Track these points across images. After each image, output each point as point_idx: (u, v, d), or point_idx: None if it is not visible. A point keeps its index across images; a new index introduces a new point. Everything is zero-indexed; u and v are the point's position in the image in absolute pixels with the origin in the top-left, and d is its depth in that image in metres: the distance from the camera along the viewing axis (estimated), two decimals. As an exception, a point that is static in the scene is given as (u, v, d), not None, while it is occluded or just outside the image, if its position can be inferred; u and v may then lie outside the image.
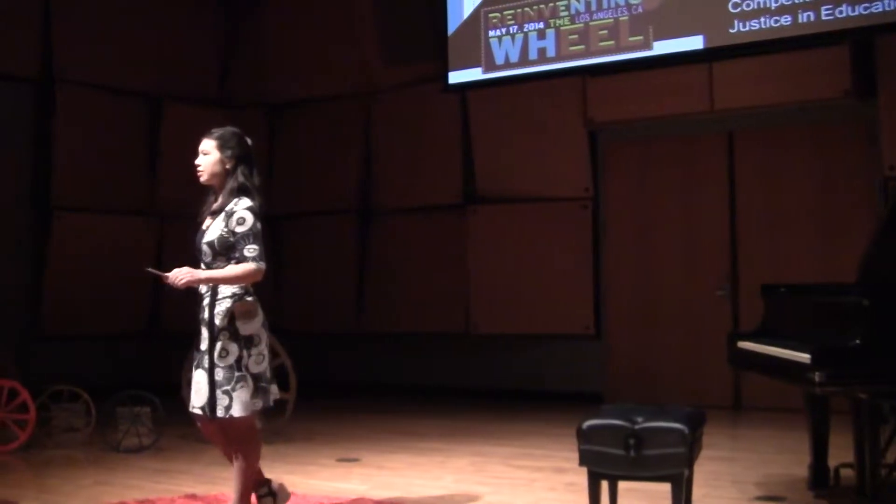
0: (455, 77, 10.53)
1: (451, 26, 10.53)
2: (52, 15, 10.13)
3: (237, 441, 4.77)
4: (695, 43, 9.25)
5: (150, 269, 4.88)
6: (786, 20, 8.83)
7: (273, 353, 7.88)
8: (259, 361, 4.74)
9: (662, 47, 9.40)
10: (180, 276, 4.57)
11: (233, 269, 4.65)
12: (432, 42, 10.65)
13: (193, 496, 5.75)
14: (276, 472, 6.53)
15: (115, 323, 10.37)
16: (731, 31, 9.08)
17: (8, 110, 9.96)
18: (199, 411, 4.68)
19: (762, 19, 8.93)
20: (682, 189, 9.60)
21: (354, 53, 11.19)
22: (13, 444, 7.49)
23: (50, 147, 10.10)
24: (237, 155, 4.84)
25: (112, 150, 10.44)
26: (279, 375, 7.91)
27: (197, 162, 4.85)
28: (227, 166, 4.81)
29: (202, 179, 4.85)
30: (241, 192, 4.78)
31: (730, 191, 9.40)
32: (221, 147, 4.82)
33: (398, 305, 10.86)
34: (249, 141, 4.96)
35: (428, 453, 7.25)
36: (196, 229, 4.88)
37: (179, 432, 7.65)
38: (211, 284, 4.69)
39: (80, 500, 5.77)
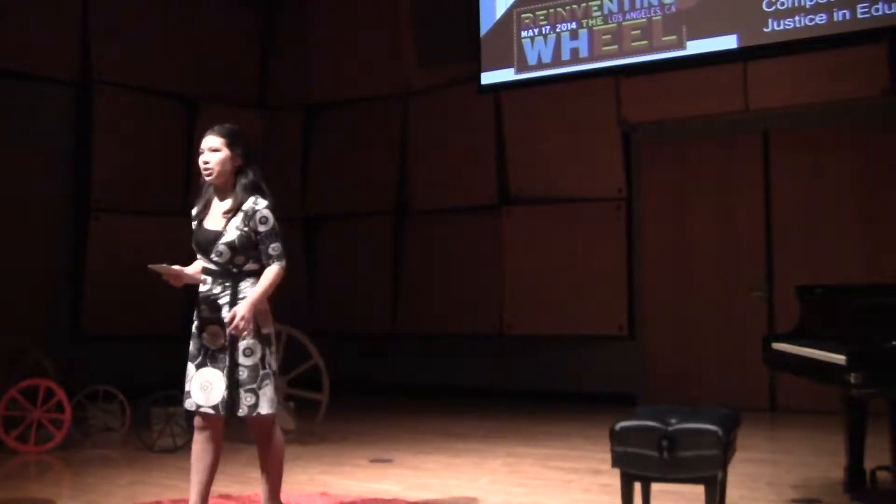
0: (488, 78, 10.52)
1: (484, 27, 10.53)
2: (89, 18, 10.23)
3: (263, 438, 4.80)
4: (729, 42, 9.19)
5: (152, 266, 4.72)
6: (821, 18, 8.76)
7: (306, 354, 7.96)
8: (276, 360, 4.82)
9: (696, 47, 9.35)
10: (241, 322, 4.54)
11: (267, 279, 4.65)
12: (466, 43, 10.65)
13: (228, 496, 5.79)
14: (310, 472, 6.58)
15: (151, 324, 10.44)
16: (765, 30, 9.01)
17: (48, 113, 10.06)
18: (210, 410, 4.66)
19: (797, 18, 8.86)
20: (716, 189, 9.54)
21: (391, 55, 11.23)
22: (50, 443, 7.57)
23: (89, 149, 10.20)
24: (246, 153, 4.80)
25: (150, 152, 10.52)
26: (313, 376, 7.97)
27: (205, 159, 4.74)
28: (237, 164, 4.76)
29: (211, 178, 4.75)
30: (255, 189, 4.75)
31: (765, 191, 9.33)
32: (231, 144, 4.74)
33: (433, 306, 10.87)
34: None
35: (463, 454, 7.25)
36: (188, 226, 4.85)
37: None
38: (228, 284, 4.67)
39: (116, 500, 5.82)
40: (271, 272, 4.66)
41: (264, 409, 4.65)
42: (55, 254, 10.03)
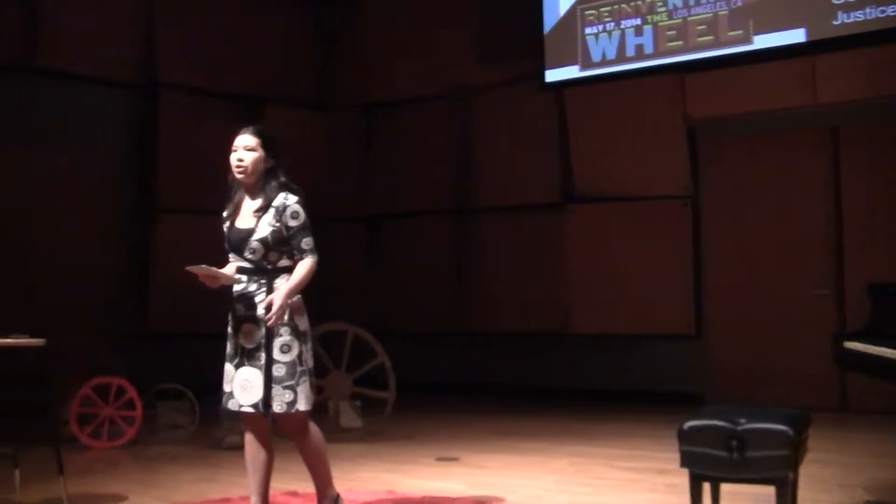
0: (552, 75, 10.49)
1: (548, 24, 10.49)
2: (154, 21, 10.37)
3: (297, 434, 4.82)
4: (796, 36, 9.06)
5: (189, 268, 4.72)
6: (892, 10, 8.59)
7: (371, 353, 7.99)
8: (311, 356, 4.81)
9: (763, 41, 9.23)
10: (278, 310, 4.56)
11: (301, 272, 4.69)
12: (529, 41, 10.62)
13: (294, 493, 5.83)
14: (376, 470, 6.61)
15: (217, 322, 10.53)
16: (834, 23, 8.87)
17: (114, 115, 10.22)
18: (250, 409, 4.70)
19: (867, 10, 8.70)
20: (784, 186, 9.41)
21: (452, 53, 11.23)
22: (121, 439, 7.70)
23: (154, 151, 10.34)
24: (276, 155, 4.86)
25: (213, 153, 10.58)
26: (378, 375, 8.00)
27: (239, 157, 4.80)
28: (268, 165, 4.82)
29: (243, 176, 4.80)
30: (285, 188, 4.81)
31: (834, 187, 9.18)
32: (265, 146, 4.82)
33: (496, 305, 10.85)
34: None
35: (527, 453, 7.23)
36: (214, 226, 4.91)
37: (280, 430, 7.74)
38: (264, 281, 4.70)
39: (185, 496, 5.89)
40: (305, 265, 4.71)
41: (302, 405, 4.68)
42: (122, 253, 10.18)
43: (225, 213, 4.93)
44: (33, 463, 6.23)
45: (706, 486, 4.50)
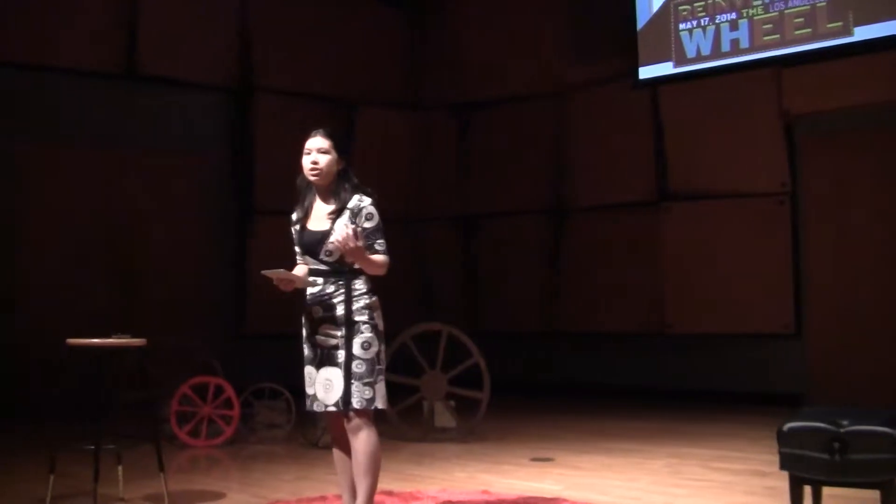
0: (645, 72, 10.38)
1: (640, 21, 10.38)
2: (248, 26, 10.56)
3: (361, 431, 4.68)
4: (900, 27, 8.83)
5: (265, 272, 4.72)
6: None
7: (466, 353, 7.99)
8: (386, 357, 4.77)
9: (864, 32, 9.00)
10: (351, 243, 4.49)
11: (376, 258, 4.66)
12: (621, 38, 10.53)
13: (390, 492, 5.84)
14: (471, 470, 6.61)
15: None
16: (940, 12, 8.63)
17: (211, 119, 10.43)
18: (333, 408, 4.65)
19: (974, -1, 8.45)
20: (888, 182, 9.15)
21: (544, 52, 11.21)
22: (219, 438, 7.82)
23: (251, 152, 10.51)
24: (347, 156, 4.85)
25: (308, 155, 10.78)
26: (473, 375, 8.00)
27: (314, 160, 4.76)
28: (340, 167, 4.80)
29: (317, 178, 4.76)
30: (358, 190, 4.78)
31: (941, 182, 8.93)
32: (337, 147, 4.80)
33: (592, 304, 10.79)
34: None
35: (623, 454, 7.16)
36: (283, 227, 4.92)
37: (377, 430, 7.78)
38: (342, 282, 4.66)
39: (283, 494, 5.95)
40: (380, 256, 4.68)
41: (380, 403, 4.64)
42: (220, 255, 10.37)
43: (294, 216, 4.91)
44: (135, 460, 6.37)
45: (807, 490, 4.40)
